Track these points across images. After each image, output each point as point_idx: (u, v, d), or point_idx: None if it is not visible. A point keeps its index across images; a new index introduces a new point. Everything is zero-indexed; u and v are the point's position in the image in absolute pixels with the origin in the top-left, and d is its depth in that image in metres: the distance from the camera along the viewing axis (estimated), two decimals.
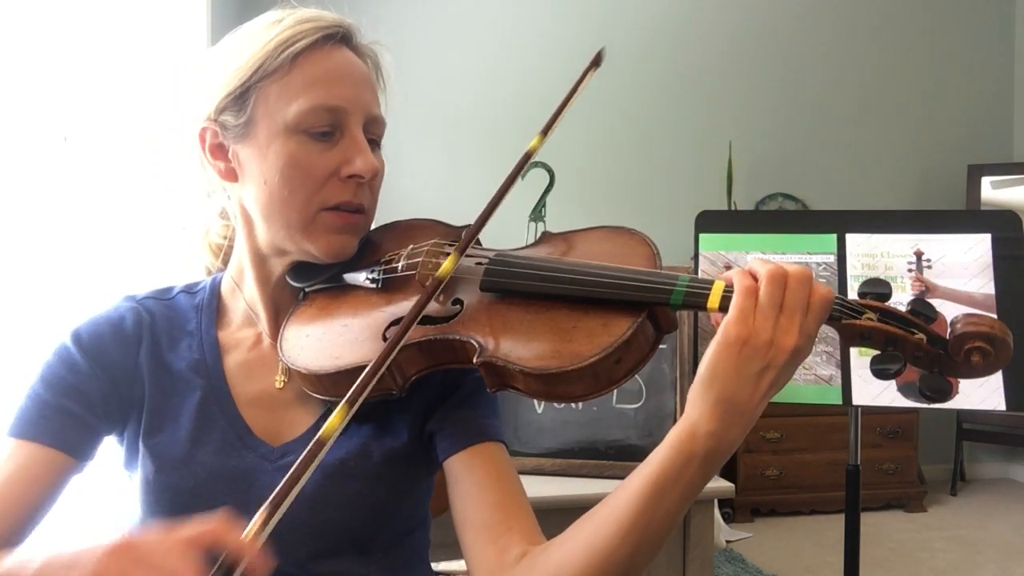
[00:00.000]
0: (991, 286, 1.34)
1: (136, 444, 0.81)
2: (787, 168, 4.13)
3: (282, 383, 0.85)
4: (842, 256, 1.42)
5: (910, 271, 1.38)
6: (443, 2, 3.88)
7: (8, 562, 0.55)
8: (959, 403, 1.30)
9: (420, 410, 0.83)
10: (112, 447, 0.85)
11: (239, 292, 0.89)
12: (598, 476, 1.42)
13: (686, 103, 4.07)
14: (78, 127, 1.70)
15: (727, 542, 3.22)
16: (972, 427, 3.90)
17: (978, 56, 4.30)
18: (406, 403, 0.81)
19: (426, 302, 0.69)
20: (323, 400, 0.82)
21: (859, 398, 1.35)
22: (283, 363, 0.82)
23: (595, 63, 0.85)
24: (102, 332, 0.84)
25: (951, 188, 4.14)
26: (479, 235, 0.78)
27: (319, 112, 0.79)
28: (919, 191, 4.24)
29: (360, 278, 0.83)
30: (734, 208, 3.81)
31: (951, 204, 4.12)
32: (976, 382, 1.28)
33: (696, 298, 0.67)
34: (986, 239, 1.36)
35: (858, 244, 1.42)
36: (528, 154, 0.77)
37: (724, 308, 0.65)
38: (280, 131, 0.79)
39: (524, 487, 0.80)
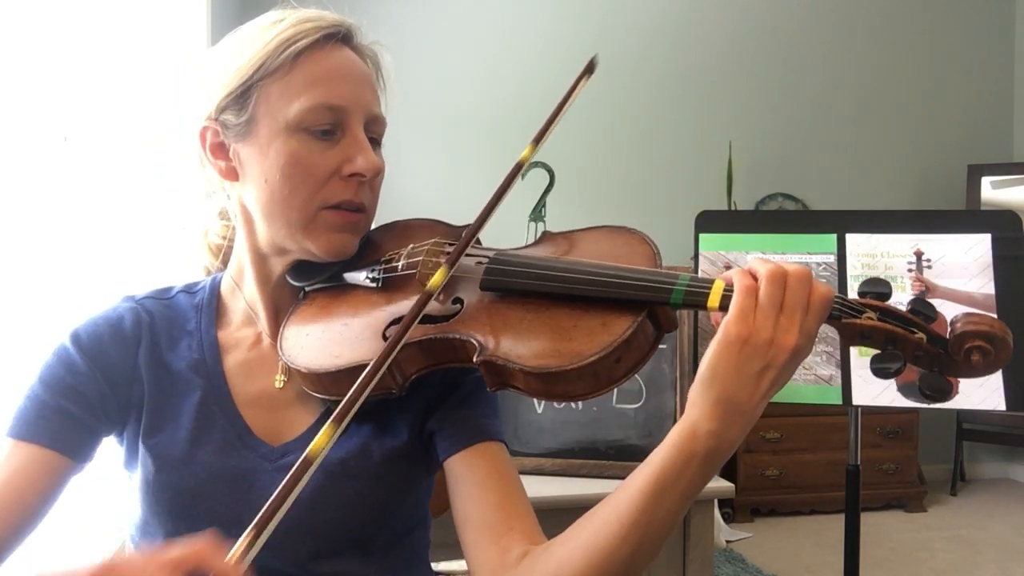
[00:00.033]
0: (991, 286, 1.34)
1: (136, 444, 0.81)
2: (787, 168, 4.13)
3: (282, 383, 0.84)
4: (842, 256, 1.42)
5: (910, 271, 1.38)
6: (443, 2, 3.88)
7: None
8: (959, 403, 1.30)
9: (420, 409, 0.83)
10: (112, 447, 0.85)
11: (239, 292, 0.89)
12: (598, 476, 1.42)
13: (686, 103, 4.07)
14: (78, 127, 1.70)
15: (727, 542, 3.22)
16: (972, 427, 3.90)
17: (978, 56, 4.30)
18: (406, 402, 0.81)
19: (417, 314, 0.68)
20: (323, 399, 0.82)
21: (859, 398, 1.35)
22: (283, 362, 0.82)
23: (588, 70, 0.84)
24: (101, 333, 0.84)
25: (951, 188, 4.14)
26: (479, 235, 0.78)
27: (320, 111, 0.79)
28: (919, 191, 4.24)
29: (360, 277, 0.83)
30: (734, 208, 3.81)
31: (951, 204, 4.12)
32: (976, 382, 1.28)
33: (696, 297, 0.67)
34: (986, 239, 1.36)
35: (858, 244, 1.42)
36: (520, 164, 0.77)
37: (724, 307, 0.65)
38: (281, 130, 0.79)
39: (524, 487, 0.80)
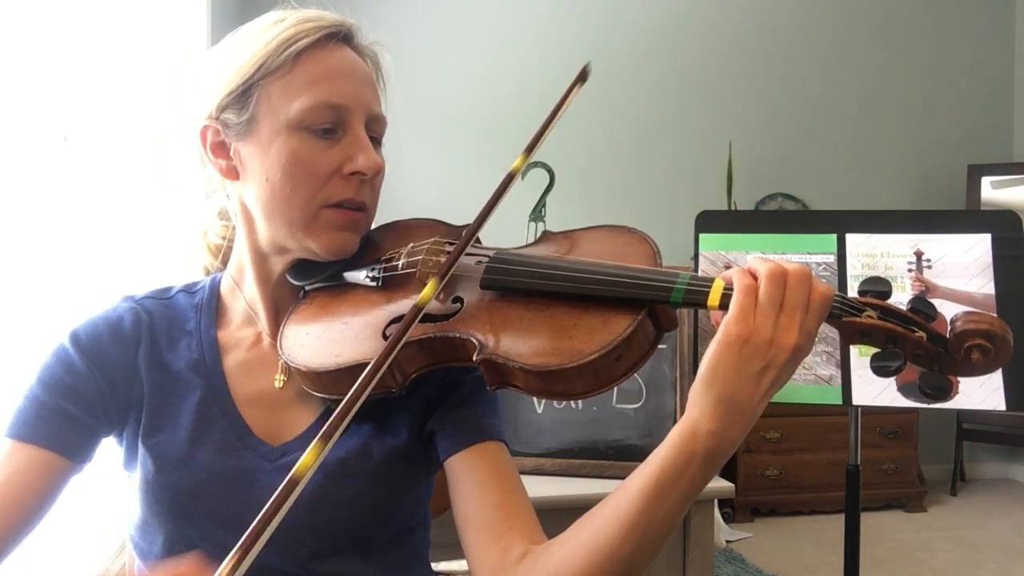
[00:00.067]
0: (991, 286, 1.34)
1: (135, 444, 0.81)
2: (787, 168, 4.13)
3: (281, 382, 0.84)
4: (842, 256, 1.42)
5: (910, 271, 1.38)
6: (443, 2, 3.88)
7: None
8: (959, 403, 1.30)
9: (420, 409, 0.83)
10: (111, 448, 0.85)
11: (239, 291, 0.88)
12: (598, 476, 1.42)
13: (686, 103, 4.06)
14: (78, 127, 1.70)
15: (727, 542, 3.22)
16: (972, 427, 3.90)
17: (978, 56, 4.30)
18: (406, 402, 0.81)
19: (405, 331, 0.67)
20: (323, 398, 0.82)
21: (859, 398, 1.35)
22: (283, 361, 0.82)
23: (581, 78, 0.83)
24: (100, 333, 0.83)
25: (951, 188, 4.14)
26: (479, 234, 0.78)
27: (322, 109, 0.79)
28: (919, 191, 4.24)
29: (360, 276, 0.83)
30: (734, 208, 3.81)
31: (951, 204, 4.12)
32: (976, 382, 1.28)
33: (696, 295, 0.67)
34: (986, 239, 1.36)
35: (858, 244, 1.42)
36: (511, 174, 0.76)
37: (724, 306, 0.65)
38: (283, 128, 0.79)
39: (525, 486, 0.80)
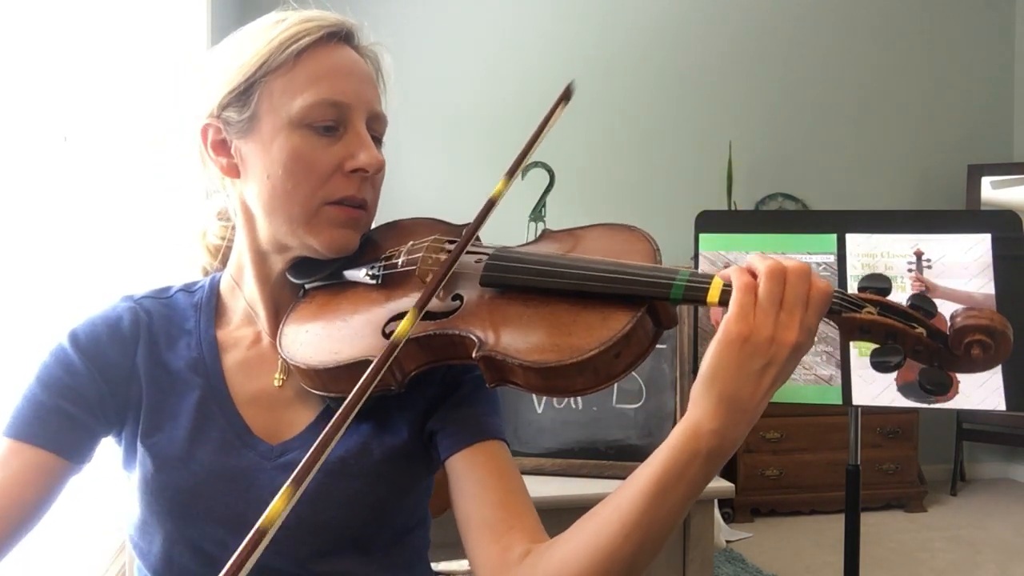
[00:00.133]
0: (991, 286, 1.34)
1: (134, 444, 0.81)
2: (787, 168, 4.13)
3: (281, 381, 0.84)
4: (842, 256, 1.42)
5: (910, 271, 1.38)
6: (443, 2, 3.89)
7: None
8: (959, 403, 1.30)
9: (420, 408, 0.83)
10: (111, 447, 0.85)
11: (239, 290, 0.88)
12: (598, 476, 1.42)
13: (686, 103, 4.07)
14: (78, 127, 1.70)
15: (727, 542, 3.21)
16: (972, 427, 3.90)
17: (978, 56, 4.30)
18: (406, 401, 0.81)
19: (389, 356, 0.65)
20: (322, 397, 0.82)
21: (859, 398, 1.35)
22: (282, 360, 0.82)
23: (565, 97, 0.81)
24: (99, 332, 0.83)
25: (951, 188, 4.14)
26: (478, 233, 0.78)
27: (324, 106, 0.79)
28: (919, 191, 4.24)
29: (360, 274, 0.83)
30: (734, 208, 3.81)
31: (951, 204, 4.12)
32: (976, 382, 1.28)
33: (696, 292, 0.67)
34: (986, 239, 1.36)
35: (858, 244, 1.42)
36: (492, 200, 0.75)
37: (724, 302, 0.65)
38: (284, 125, 0.79)
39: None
